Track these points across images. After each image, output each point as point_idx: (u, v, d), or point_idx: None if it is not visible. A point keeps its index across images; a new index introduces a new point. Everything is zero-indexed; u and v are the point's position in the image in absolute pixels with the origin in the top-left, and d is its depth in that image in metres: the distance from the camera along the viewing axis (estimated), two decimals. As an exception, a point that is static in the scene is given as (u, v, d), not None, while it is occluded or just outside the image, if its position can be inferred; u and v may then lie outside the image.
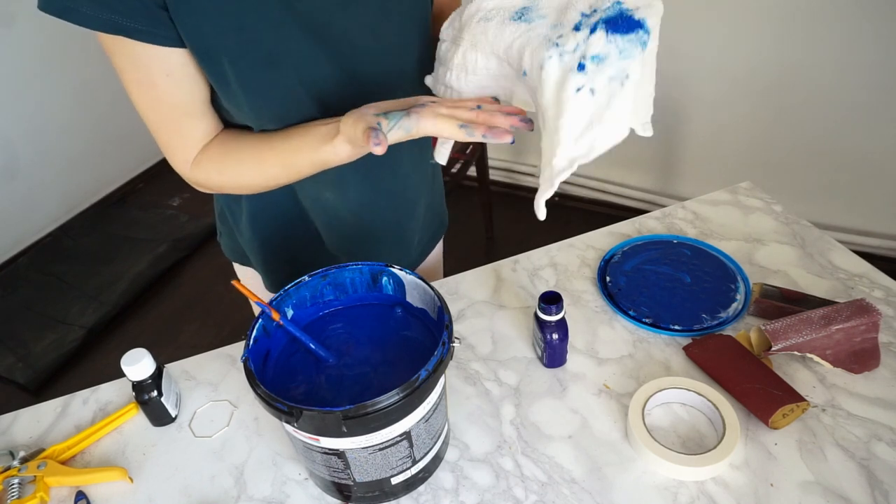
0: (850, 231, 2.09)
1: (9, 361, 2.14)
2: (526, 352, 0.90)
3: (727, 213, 1.10)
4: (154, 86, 0.69)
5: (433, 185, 1.02)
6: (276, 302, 0.73)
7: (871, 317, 0.81)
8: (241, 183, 0.78)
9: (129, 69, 0.68)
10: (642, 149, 2.35)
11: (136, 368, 0.80)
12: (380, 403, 0.61)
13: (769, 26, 1.89)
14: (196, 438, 0.83)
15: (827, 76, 1.89)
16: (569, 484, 0.73)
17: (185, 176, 0.80)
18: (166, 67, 0.68)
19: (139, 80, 0.69)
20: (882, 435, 0.75)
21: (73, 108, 2.70)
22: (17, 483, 0.78)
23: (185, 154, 0.77)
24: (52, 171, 2.66)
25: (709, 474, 0.72)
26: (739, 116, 2.09)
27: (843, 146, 1.97)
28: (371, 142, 0.59)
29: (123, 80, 0.70)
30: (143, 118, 0.74)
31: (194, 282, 2.47)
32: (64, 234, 2.70)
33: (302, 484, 0.77)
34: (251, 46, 0.68)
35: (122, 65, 0.68)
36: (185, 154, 0.77)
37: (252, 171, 0.76)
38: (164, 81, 0.69)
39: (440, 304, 0.70)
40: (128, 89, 0.71)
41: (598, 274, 1.00)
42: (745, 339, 0.85)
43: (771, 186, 1.24)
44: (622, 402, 0.82)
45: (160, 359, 0.85)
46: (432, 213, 1.04)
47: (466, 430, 0.80)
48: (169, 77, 0.69)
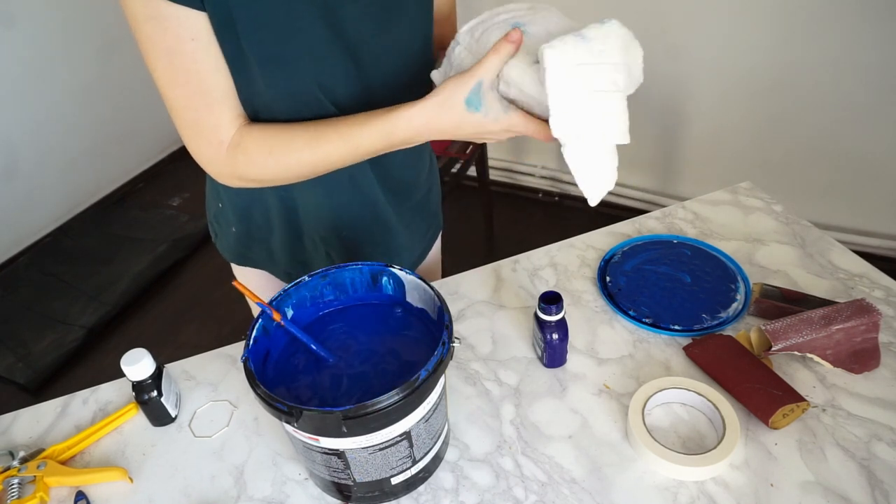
0: (850, 231, 2.09)
1: (9, 361, 2.14)
2: (526, 352, 0.90)
3: (727, 213, 1.10)
4: (182, 54, 0.68)
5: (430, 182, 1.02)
6: (275, 302, 0.73)
7: (871, 317, 0.81)
8: (291, 164, 0.75)
9: (159, 38, 0.67)
10: (642, 149, 2.35)
11: (136, 368, 0.80)
12: (380, 403, 0.61)
13: (769, 26, 1.89)
14: (196, 438, 0.83)
15: (826, 76, 1.89)
16: (569, 484, 0.73)
17: (215, 162, 0.76)
18: (192, 31, 0.67)
19: (167, 49, 0.68)
20: (882, 435, 0.75)
21: (73, 108, 2.69)
22: (17, 483, 0.78)
23: (219, 133, 0.74)
24: (52, 171, 2.66)
25: (709, 474, 0.72)
26: (739, 116, 2.09)
27: (843, 146, 1.97)
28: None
29: (151, 56, 0.69)
30: (168, 99, 0.72)
31: (194, 282, 2.47)
32: (64, 234, 2.70)
33: (302, 484, 0.77)
34: (265, 20, 0.68)
35: (150, 35, 0.67)
36: (219, 133, 0.74)
37: (306, 148, 0.73)
38: (191, 46, 0.68)
39: (440, 304, 0.70)
40: (154, 66, 0.69)
41: (598, 274, 1.00)
42: (745, 339, 0.85)
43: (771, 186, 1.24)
44: (622, 402, 0.82)
45: (160, 359, 0.85)
46: (426, 213, 1.04)
47: (466, 430, 0.80)
48: (195, 42, 0.68)
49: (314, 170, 0.76)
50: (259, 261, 0.99)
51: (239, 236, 0.97)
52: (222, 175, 0.78)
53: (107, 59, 2.77)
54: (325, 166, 0.76)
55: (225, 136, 0.74)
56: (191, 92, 0.71)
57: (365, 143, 0.72)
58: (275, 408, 0.62)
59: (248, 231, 0.95)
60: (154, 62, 0.69)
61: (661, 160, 2.35)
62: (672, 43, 2.03)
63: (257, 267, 1.01)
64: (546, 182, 2.60)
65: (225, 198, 0.94)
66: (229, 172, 0.77)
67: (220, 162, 0.76)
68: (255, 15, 0.68)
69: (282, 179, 0.78)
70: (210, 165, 0.77)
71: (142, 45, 0.68)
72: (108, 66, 2.78)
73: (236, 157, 0.75)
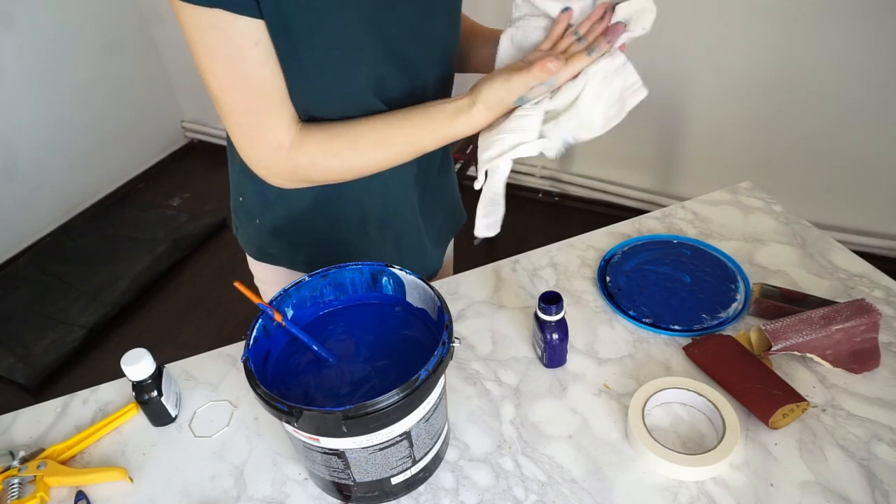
0: (850, 231, 2.09)
1: (9, 361, 2.14)
2: (526, 352, 0.90)
3: (727, 213, 1.10)
4: (243, 60, 0.69)
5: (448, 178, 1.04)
6: (276, 302, 0.73)
7: (871, 317, 0.81)
8: (355, 166, 0.79)
9: (220, 46, 0.68)
10: (642, 149, 2.35)
11: (136, 368, 0.80)
12: (380, 403, 0.61)
13: (769, 26, 1.89)
14: (196, 438, 0.83)
15: (827, 76, 1.89)
16: (569, 484, 0.73)
17: (274, 165, 0.77)
18: (256, 37, 0.68)
19: (229, 56, 0.68)
20: (882, 435, 0.75)
21: (73, 108, 2.69)
22: (17, 483, 0.78)
23: (280, 136, 0.75)
24: (52, 171, 2.66)
25: (709, 474, 0.72)
26: (739, 116, 2.09)
27: (843, 146, 1.97)
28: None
29: (210, 62, 0.69)
30: (225, 106, 0.72)
31: (194, 282, 2.47)
32: (64, 234, 2.70)
33: (302, 484, 0.77)
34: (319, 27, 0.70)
35: (210, 44, 0.68)
36: (280, 136, 0.75)
37: (371, 150, 0.77)
38: (253, 52, 0.69)
39: (440, 304, 0.70)
40: (211, 71, 0.70)
41: (598, 274, 1.00)
42: (745, 339, 0.85)
43: (771, 186, 1.24)
44: (622, 402, 0.82)
45: (160, 359, 0.85)
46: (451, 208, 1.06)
47: (466, 430, 0.80)
48: (258, 46, 0.69)
49: (376, 170, 0.80)
50: (282, 257, 0.99)
51: (262, 230, 0.96)
52: (281, 177, 0.79)
53: (107, 59, 2.77)
54: (388, 166, 0.80)
55: (284, 139, 0.75)
56: (250, 97, 0.72)
57: (429, 144, 0.78)
58: (275, 408, 0.62)
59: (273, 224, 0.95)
60: (213, 68, 0.70)
61: (661, 160, 2.35)
62: (672, 43, 2.03)
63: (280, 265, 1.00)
64: (546, 182, 2.60)
65: (251, 190, 0.93)
66: (289, 175, 0.79)
67: (281, 165, 0.77)
68: (309, 22, 0.70)
69: (341, 180, 0.82)
70: (269, 168, 0.78)
71: (199, 51, 0.69)
72: (108, 65, 2.78)
73: (297, 160, 0.76)
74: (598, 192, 2.51)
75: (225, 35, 0.67)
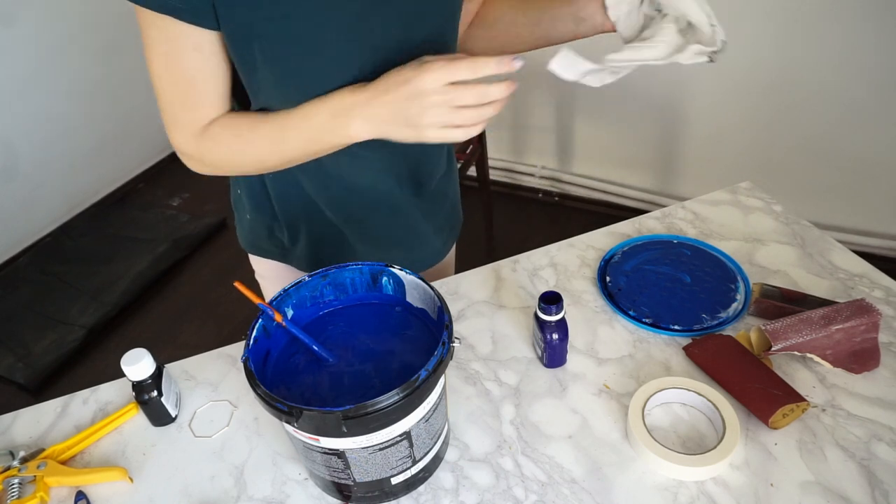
0: (850, 231, 2.09)
1: (9, 361, 2.14)
2: (526, 352, 0.90)
3: (727, 213, 1.10)
4: (180, 60, 0.72)
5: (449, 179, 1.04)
6: (276, 302, 0.73)
7: (871, 317, 0.81)
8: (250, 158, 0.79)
9: (161, 43, 0.71)
10: (642, 149, 2.35)
11: (136, 368, 0.80)
12: (380, 403, 0.61)
13: (769, 26, 1.89)
14: (196, 438, 0.83)
15: (827, 76, 1.89)
16: (569, 484, 0.73)
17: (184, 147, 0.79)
18: (198, 43, 0.71)
19: (167, 53, 0.71)
20: (882, 435, 0.75)
21: (73, 108, 2.70)
22: (17, 483, 0.78)
23: (193, 127, 0.77)
24: (52, 171, 2.66)
25: (709, 474, 0.72)
26: (739, 116, 2.09)
27: (843, 146, 1.97)
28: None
29: (150, 52, 0.72)
30: (157, 89, 0.75)
31: (194, 282, 2.47)
32: (64, 234, 2.71)
33: (302, 484, 0.77)
34: (293, 35, 0.71)
35: (153, 38, 0.71)
36: (193, 127, 0.77)
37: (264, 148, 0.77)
38: (192, 56, 0.72)
39: (440, 304, 0.70)
40: (150, 59, 0.73)
41: (598, 274, 1.00)
42: (745, 339, 0.85)
43: (771, 186, 1.24)
44: (622, 402, 0.82)
45: (160, 359, 0.85)
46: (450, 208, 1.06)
47: (466, 430, 0.80)
48: (197, 52, 0.71)
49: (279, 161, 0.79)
50: (273, 251, 1.00)
51: (253, 224, 0.98)
52: (192, 160, 0.81)
53: (107, 60, 2.77)
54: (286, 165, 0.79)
55: (199, 130, 0.78)
56: (180, 93, 0.74)
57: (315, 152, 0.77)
58: (275, 408, 0.62)
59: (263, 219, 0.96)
60: (152, 57, 0.73)
61: (661, 160, 2.35)
62: (672, 43, 2.03)
63: (273, 258, 1.01)
64: (546, 182, 2.60)
65: (243, 184, 0.95)
66: (198, 158, 0.80)
67: (191, 147, 0.79)
68: (282, 30, 0.70)
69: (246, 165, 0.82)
70: (183, 154, 0.80)
71: (144, 41, 0.72)
72: (108, 66, 2.78)
73: (203, 144, 0.78)
74: (598, 193, 2.51)
75: (165, 37, 0.70)
